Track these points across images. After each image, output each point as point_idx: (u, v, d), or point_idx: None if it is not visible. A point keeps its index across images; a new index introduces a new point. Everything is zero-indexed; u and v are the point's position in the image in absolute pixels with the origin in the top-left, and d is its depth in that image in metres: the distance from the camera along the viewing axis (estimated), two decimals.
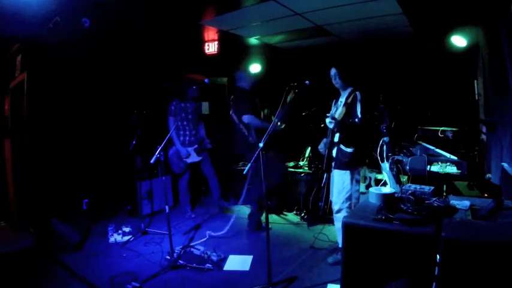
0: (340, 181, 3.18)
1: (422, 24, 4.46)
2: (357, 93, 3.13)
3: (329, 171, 3.41)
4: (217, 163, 4.94)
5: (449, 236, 1.67)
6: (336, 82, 3.27)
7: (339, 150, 3.20)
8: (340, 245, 3.22)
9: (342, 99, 3.24)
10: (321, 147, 3.40)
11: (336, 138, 3.21)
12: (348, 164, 3.16)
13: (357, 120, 3.04)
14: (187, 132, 4.48)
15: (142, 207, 4.60)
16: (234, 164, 5.48)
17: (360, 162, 3.36)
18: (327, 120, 3.08)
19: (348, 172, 3.16)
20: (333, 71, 3.25)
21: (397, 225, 1.90)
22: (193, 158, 4.50)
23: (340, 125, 3.06)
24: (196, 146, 4.51)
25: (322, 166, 3.45)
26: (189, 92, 4.45)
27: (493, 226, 1.84)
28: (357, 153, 3.18)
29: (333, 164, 3.26)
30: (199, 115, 4.73)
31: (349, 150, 3.15)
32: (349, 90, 3.23)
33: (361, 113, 3.06)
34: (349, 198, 3.17)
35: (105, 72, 4.61)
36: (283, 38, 5.37)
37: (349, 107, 3.10)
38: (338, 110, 3.15)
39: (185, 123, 4.46)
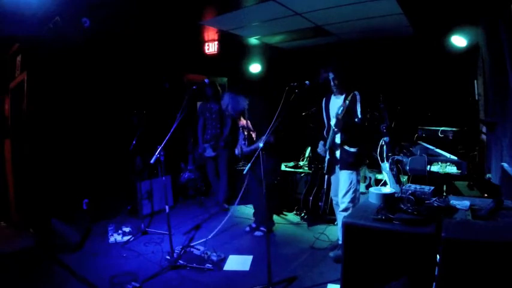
0: (347, 181, 3.19)
1: (422, 24, 4.46)
2: (356, 93, 3.12)
3: (330, 174, 3.41)
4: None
5: (449, 236, 1.67)
6: (334, 86, 3.23)
7: (343, 151, 3.21)
8: (341, 241, 3.23)
9: (339, 100, 3.21)
10: (320, 149, 3.38)
11: (338, 139, 3.22)
12: (353, 163, 3.18)
13: (357, 120, 3.06)
14: (209, 131, 4.97)
15: (142, 207, 4.60)
16: (234, 164, 5.49)
17: (363, 161, 3.38)
18: (333, 122, 3.07)
19: (354, 172, 3.20)
20: (331, 76, 3.21)
21: (397, 225, 1.90)
22: (209, 153, 4.93)
23: (343, 124, 3.04)
24: (213, 142, 4.90)
25: (323, 169, 3.44)
26: (207, 92, 4.89)
27: (493, 226, 1.84)
28: (361, 152, 3.22)
29: (338, 165, 3.27)
30: (225, 115, 4.83)
31: (353, 150, 3.18)
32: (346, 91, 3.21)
33: (361, 113, 3.08)
34: (355, 198, 3.20)
35: (105, 72, 4.61)
36: (283, 38, 5.37)
37: (349, 107, 3.07)
38: (339, 110, 3.13)
39: (209, 122, 4.97)
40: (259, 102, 3.99)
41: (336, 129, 3.13)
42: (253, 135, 3.99)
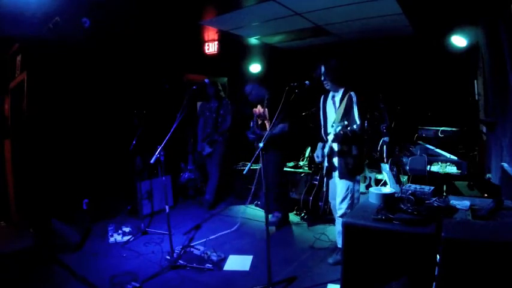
0: (344, 188, 3.09)
1: (422, 24, 4.46)
2: (352, 93, 2.97)
3: (329, 178, 3.31)
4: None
5: (449, 236, 1.67)
6: (326, 83, 3.09)
7: (341, 160, 3.08)
8: (339, 246, 3.21)
9: (336, 99, 3.10)
10: (318, 155, 3.23)
11: (336, 147, 3.08)
12: (351, 171, 3.07)
13: (355, 127, 2.79)
14: (208, 130, 5.01)
15: (142, 207, 4.60)
16: (234, 164, 5.49)
17: (362, 167, 3.27)
18: (330, 137, 2.98)
19: (351, 179, 3.11)
20: (323, 70, 3.06)
21: (397, 225, 1.90)
22: (206, 150, 5.00)
23: (342, 136, 2.89)
24: (209, 139, 4.96)
25: (322, 172, 3.34)
26: (208, 91, 4.94)
27: (493, 226, 1.84)
28: (359, 160, 3.11)
29: (336, 173, 3.15)
30: (225, 113, 4.97)
31: (351, 159, 3.05)
32: (341, 90, 3.07)
33: (359, 117, 2.91)
34: (353, 203, 3.10)
35: (105, 72, 4.61)
36: (283, 38, 5.37)
37: (345, 110, 2.94)
38: (334, 116, 2.98)
39: (209, 120, 5.02)
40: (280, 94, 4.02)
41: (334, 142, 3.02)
42: (267, 124, 4.08)
